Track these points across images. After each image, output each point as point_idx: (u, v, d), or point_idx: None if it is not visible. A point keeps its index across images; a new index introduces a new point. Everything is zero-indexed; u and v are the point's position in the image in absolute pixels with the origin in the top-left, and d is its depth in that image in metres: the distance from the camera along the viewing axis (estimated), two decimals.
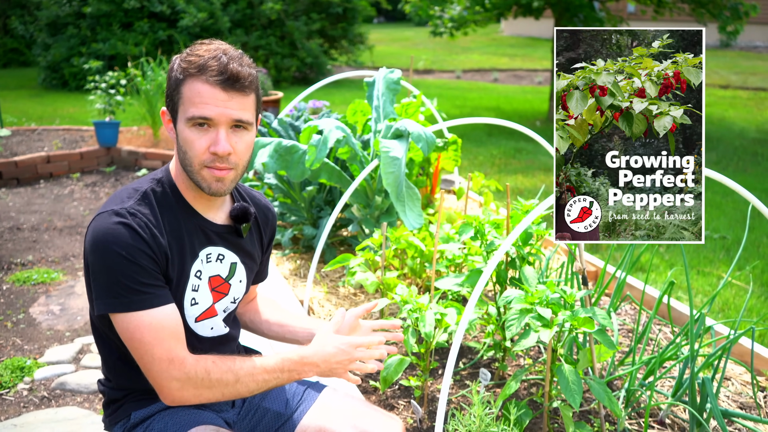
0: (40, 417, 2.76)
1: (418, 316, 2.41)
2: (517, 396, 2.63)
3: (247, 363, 1.62)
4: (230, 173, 1.64)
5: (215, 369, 1.58)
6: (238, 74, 1.58)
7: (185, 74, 1.59)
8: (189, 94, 1.58)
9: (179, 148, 1.64)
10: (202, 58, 1.58)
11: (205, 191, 1.64)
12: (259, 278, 1.99)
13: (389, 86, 3.89)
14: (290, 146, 3.46)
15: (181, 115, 1.61)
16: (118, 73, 7.23)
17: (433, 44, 22.26)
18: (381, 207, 3.76)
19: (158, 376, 1.56)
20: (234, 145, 1.61)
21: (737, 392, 2.73)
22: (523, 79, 16.39)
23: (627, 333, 3.20)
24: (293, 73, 13.57)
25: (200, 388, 1.57)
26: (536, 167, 7.57)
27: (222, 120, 1.58)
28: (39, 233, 5.05)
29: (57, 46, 12.22)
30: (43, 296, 3.95)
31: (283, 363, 1.64)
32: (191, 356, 1.59)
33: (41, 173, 6.49)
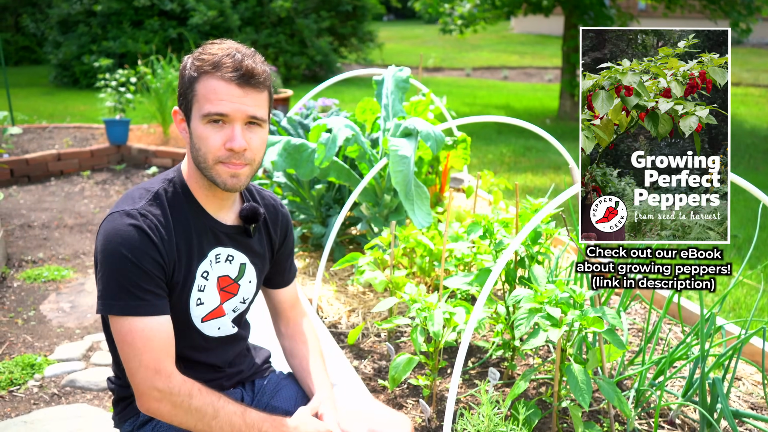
0: (50, 414, 2.77)
1: (427, 315, 2.40)
2: (526, 395, 2.62)
3: (231, 406, 1.61)
4: (245, 168, 1.64)
5: (199, 397, 1.58)
6: (253, 71, 1.60)
7: (199, 72, 1.60)
8: (204, 91, 1.59)
9: (193, 146, 1.64)
10: (215, 56, 1.59)
11: (221, 187, 1.65)
12: (283, 281, 1.95)
13: (398, 84, 3.88)
14: (299, 144, 3.46)
15: (195, 112, 1.61)
16: (129, 71, 7.25)
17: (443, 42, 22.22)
18: (390, 205, 3.76)
19: (141, 383, 1.57)
20: (249, 141, 1.62)
21: (748, 392, 2.71)
22: (533, 76, 16.34)
23: (637, 332, 3.19)
24: (303, 71, 13.58)
25: (177, 408, 1.57)
26: (546, 165, 7.55)
27: (237, 116, 1.59)
28: (50, 231, 5.07)
29: (68, 44, 12.27)
30: (53, 294, 3.97)
31: (263, 423, 1.62)
32: (180, 375, 1.59)
33: (52, 171, 6.52)
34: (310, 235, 4.13)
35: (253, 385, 1.92)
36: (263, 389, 1.91)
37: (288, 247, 1.94)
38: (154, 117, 7.37)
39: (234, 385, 1.88)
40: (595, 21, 9.64)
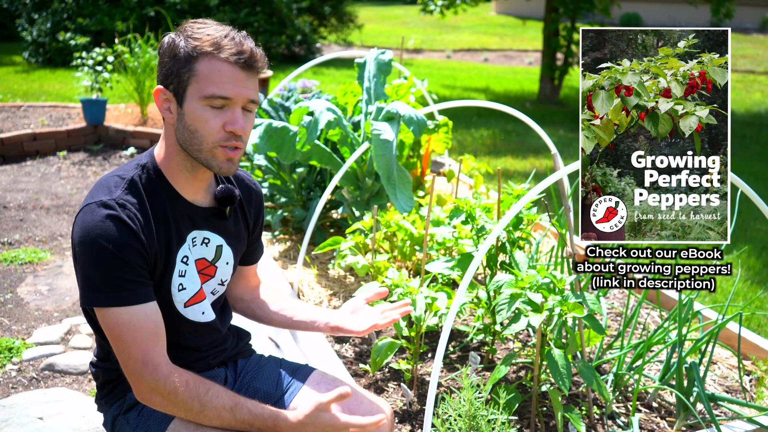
0: (30, 398, 2.75)
1: (409, 300, 2.41)
2: (506, 380, 2.65)
3: (220, 401, 1.61)
4: (239, 153, 1.65)
5: (184, 391, 1.58)
6: (255, 54, 1.61)
7: (198, 51, 1.57)
8: (207, 72, 1.57)
9: (186, 128, 1.61)
10: (213, 36, 1.58)
11: (215, 171, 1.64)
12: (253, 259, 1.98)
13: (380, 67, 3.86)
14: (281, 127, 3.44)
15: (193, 93, 1.58)
16: (105, 49, 7.13)
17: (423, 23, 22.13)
18: (371, 189, 3.75)
19: (131, 374, 1.58)
20: (245, 125, 1.62)
21: (723, 376, 2.76)
22: (513, 59, 16.34)
23: (616, 317, 3.23)
24: (282, 51, 13.45)
25: (166, 399, 1.58)
26: (526, 149, 7.57)
27: (239, 99, 1.59)
28: (26, 212, 5.01)
29: (42, 20, 12.03)
30: (30, 276, 3.92)
31: (254, 420, 1.62)
32: (167, 365, 1.59)
33: (27, 151, 6.42)
34: (291, 218, 4.11)
35: (236, 365, 1.93)
36: (246, 369, 1.93)
37: (260, 226, 1.95)
38: (131, 96, 7.27)
39: (219, 363, 1.88)
40: (575, 4, 9.64)
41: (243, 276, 1.99)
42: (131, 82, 7.04)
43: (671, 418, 2.45)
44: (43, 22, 12.00)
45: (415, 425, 2.38)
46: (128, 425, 1.73)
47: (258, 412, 1.62)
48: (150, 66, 7.01)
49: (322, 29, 15.25)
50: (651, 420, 2.43)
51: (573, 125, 8.91)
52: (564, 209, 2.47)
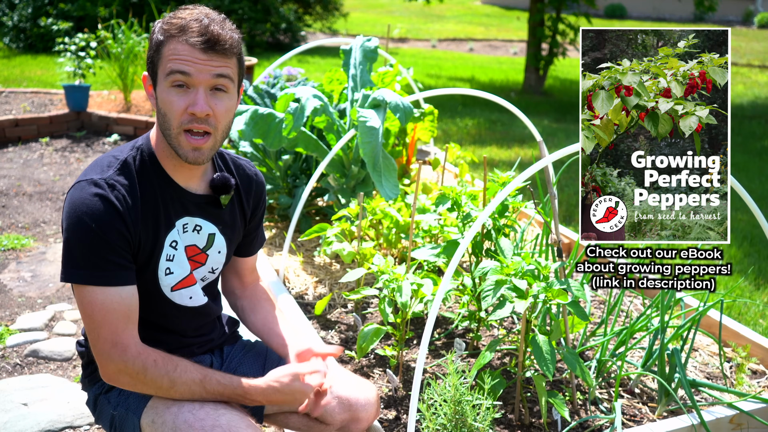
0: (14, 384, 2.74)
1: (395, 287, 2.42)
2: (491, 366, 2.67)
3: (189, 375, 1.61)
4: (208, 141, 1.63)
5: (153, 370, 1.58)
6: (219, 36, 1.58)
7: (166, 35, 1.59)
8: (168, 53, 1.58)
9: (159, 112, 1.63)
10: (183, 20, 1.58)
11: (183, 159, 1.64)
12: (249, 251, 1.97)
13: (366, 55, 3.86)
14: (267, 114, 3.43)
15: (161, 75, 1.60)
16: (88, 35, 7.05)
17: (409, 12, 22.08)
18: (357, 177, 3.75)
19: (99, 354, 1.58)
20: (213, 107, 1.61)
21: (704, 363, 2.80)
22: (498, 49, 16.36)
23: (599, 304, 3.26)
24: (267, 38, 13.37)
25: (134, 379, 1.59)
26: (511, 138, 7.59)
27: (200, 79, 1.58)
28: (8, 198, 4.96)
29: (23, 5, 11.87)
30: (13, 262, 3.90)
31: (224, 389, 1.63)
32: (136, 346, 1.59)
33: (9, 137, 6.35)
34: (277, 205, 4.11)
35: (222, 352, 1.94)
36: (231, 356, 1.93)
37: (258, 216, 1.94)
38: (114, 83, 7.20)
39: (204, 352, 1.89)
40: None
41: (237, 268, 1.98)
42: (114, 68, 6.97)
43: (653, 403, 2.49)
44: (24, 7, 11.85)
45: (401, 411, 2.40)
46: (109, 404, 1.74)
47: (227, 382, 1.63)
48: (134, 52, 6.95)
49: (307, 17, 15.17)
50: (633, 405, 2.46)
51: (557, 115, 8.94)
52: (549, 196, 2.49)
